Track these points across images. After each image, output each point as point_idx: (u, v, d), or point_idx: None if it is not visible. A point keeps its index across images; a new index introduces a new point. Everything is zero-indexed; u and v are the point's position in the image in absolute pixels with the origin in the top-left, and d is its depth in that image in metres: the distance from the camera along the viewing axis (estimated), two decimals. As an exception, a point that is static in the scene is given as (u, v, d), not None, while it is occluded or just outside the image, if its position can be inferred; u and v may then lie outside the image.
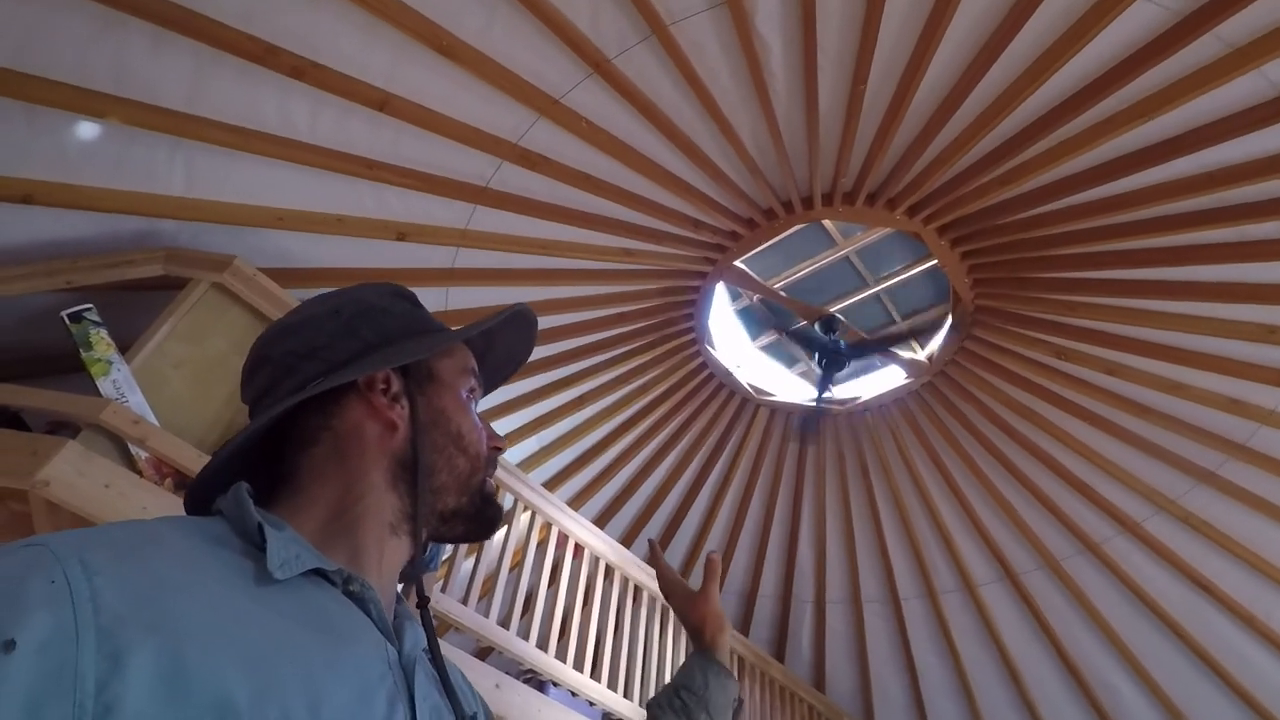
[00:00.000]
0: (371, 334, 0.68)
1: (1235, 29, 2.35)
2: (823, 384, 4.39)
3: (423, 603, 0.64)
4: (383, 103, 2.61)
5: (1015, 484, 4.18)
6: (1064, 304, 3.56)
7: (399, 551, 0.64)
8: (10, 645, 0.36)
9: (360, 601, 0.57)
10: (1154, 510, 3.89)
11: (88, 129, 2.39)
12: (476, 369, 0.75)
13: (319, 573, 0.56)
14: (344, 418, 0.65)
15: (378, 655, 0.54)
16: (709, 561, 1.04)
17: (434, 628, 0.63)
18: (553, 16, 2.50)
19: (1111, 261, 3.32)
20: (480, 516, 0.69)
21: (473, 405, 0.72)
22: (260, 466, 0.65)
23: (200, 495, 0.62)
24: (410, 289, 0.76)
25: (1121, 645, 4.22)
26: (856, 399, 4.47)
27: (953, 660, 4.72)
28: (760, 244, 3.82)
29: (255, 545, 0.53)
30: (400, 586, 0.67)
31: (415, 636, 0.61)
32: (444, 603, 2.56)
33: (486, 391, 0.78)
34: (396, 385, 0.67)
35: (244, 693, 0.42)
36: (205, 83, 2.39)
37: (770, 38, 2.69)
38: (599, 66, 2.71)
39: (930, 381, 4.22)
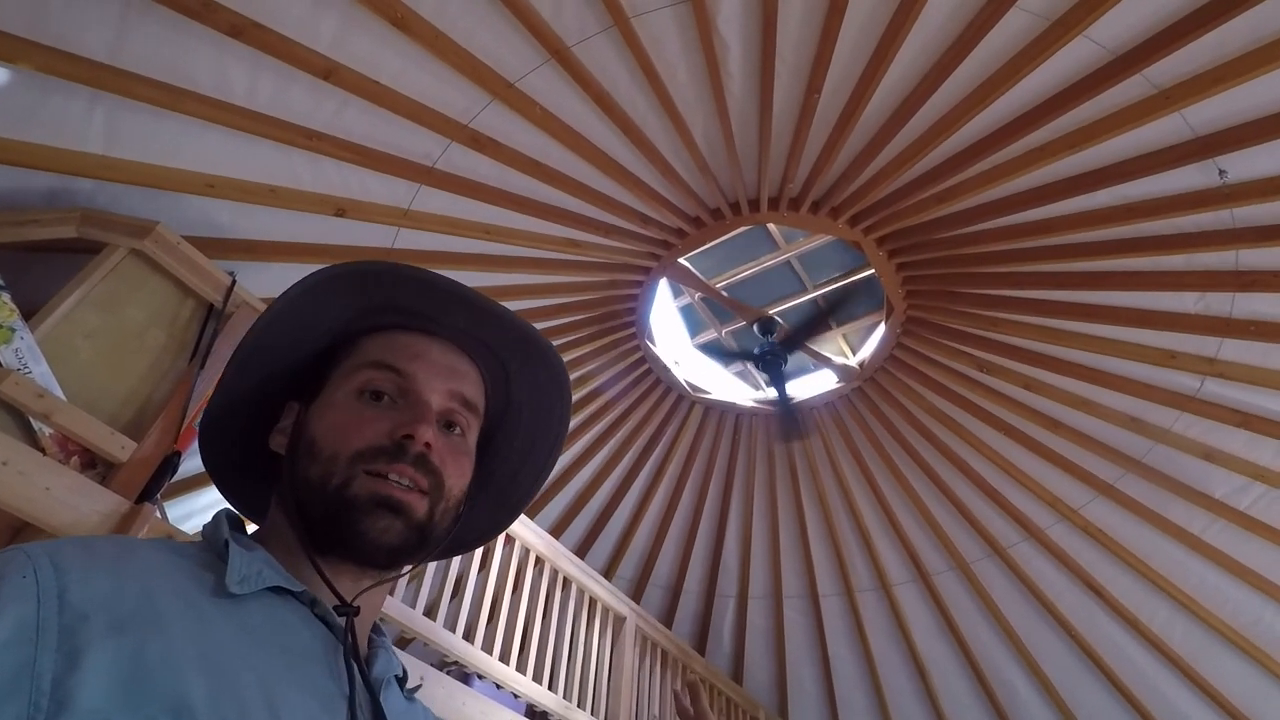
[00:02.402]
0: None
1: (1162, 72, 2.51)
2: (778, 385, 4.38)
3: (345, 608, 0.58)
4: (328, 71, 2.49)
5: (933, 489, 4.37)
6: (989, 319, 3.73)
7: (352, 573, 0.62)
8: None
9: (326, 621, 0.58)
10: (1057, 518, 4.14)
11: (-5, 73, 2.18)
12: (384, 358, 0.66)
13: (290, 592, 0.57)
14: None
15: (337, 673, 0.54)
16: (689, 687, 0.96)
17: (356, 649, 0.58)
18: (514, -1, 2.44)
19: (1034, 282, 3.50)
20: (335, 524, 0.58)
21: (367, 398, 0.64)
22: None
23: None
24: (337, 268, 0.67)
25: (1019, 643, 4.47)
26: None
27: (865, 655, 4.90)
28: (706, 243, 3.85)
29: (225, 563, 0.55)
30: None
31: (388, 662, 0.63)
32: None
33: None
34: (290, 416, 0.68)
35: (201, 694, 0.43)
36: (132, 34, 2.22)
37: (730, 39, 2.70)
38: (557, 53, 2.66)
39: (859, 386, 4.37)
